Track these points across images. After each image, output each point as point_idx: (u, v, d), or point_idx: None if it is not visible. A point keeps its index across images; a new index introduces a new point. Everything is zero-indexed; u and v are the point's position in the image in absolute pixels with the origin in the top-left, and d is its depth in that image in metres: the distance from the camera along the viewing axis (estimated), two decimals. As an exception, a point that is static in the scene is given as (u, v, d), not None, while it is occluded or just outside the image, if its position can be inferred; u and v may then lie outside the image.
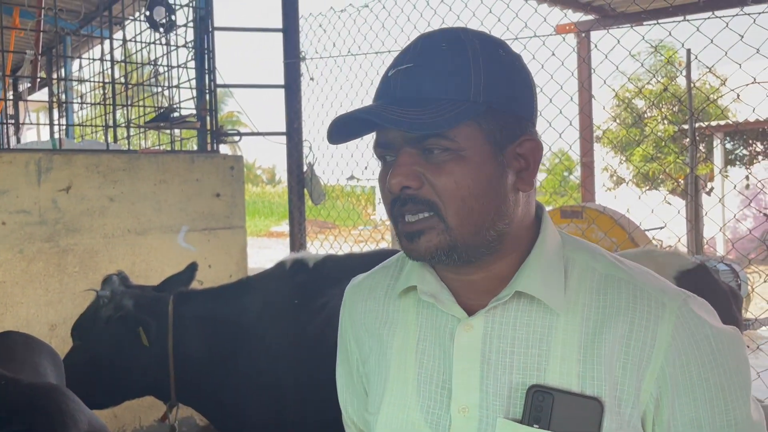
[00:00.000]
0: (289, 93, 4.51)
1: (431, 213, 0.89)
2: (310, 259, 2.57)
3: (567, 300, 0.92)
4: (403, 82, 0.89)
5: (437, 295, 0.97)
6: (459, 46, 0.89)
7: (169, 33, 4.40)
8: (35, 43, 5.04)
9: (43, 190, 3.50)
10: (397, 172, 0.89)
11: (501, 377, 0.92)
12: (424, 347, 0.99)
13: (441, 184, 0.88)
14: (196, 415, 3.97)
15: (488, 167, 0.89)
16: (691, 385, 0.88)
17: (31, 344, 2.14)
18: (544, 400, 0.89)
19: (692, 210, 4.72)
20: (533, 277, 0.92)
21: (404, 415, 0.98)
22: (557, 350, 0.91)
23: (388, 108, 0.87)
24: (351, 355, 1.12)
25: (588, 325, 0.91)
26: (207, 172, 4.09)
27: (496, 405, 0.92)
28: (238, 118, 27.05)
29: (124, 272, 2.71)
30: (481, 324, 0.94)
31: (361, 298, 1.11)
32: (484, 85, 0.88)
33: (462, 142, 0.88)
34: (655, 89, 10.86)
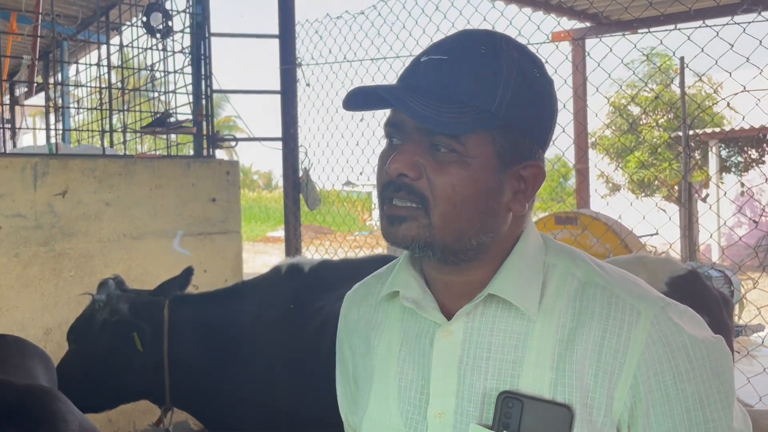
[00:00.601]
0: (285, 99, 4.54)
1: (419, 206, 0.89)
2: (306, 264, 2.57)
3: (544, 306, 0.92)
4: (433, 72, 0.89)
5: (419, 302, 0.97)
6: (496, 55, 0.88)
7: (166, 39, 4.42)
8: (32, 48, 5.06)
9: (39, 194, 3.52)
10: (399, 159, 0.89)
11: (476, 383, 0.92)
12: (406, 353, 1.00)
13: (439, 182, 0.88)
14: (190, 420, 3.97)
15: (488, 180, 0.89)
16: (666, 395, 0.87)
17: (24, 348, 2.15)
18: (514, 407, 0.89)
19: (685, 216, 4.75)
20: (508, 280, 0.92)
21: (385, 419, 1.00)
22: (531, 357, 0.91)
23: (412, 95, 0.86)
24: (347, 362, 1.13)
25: (563, 332, 0.91)
26: (203, 177, 4.10)
27: (469, 410, 0.92)
28: (234, 123, 27.04)
29: (120, 276, 2.72)
30: (461, 329, 0.94)
31: (355, 305, 1.12)
32: (509, 100, 0.87)
33: (471, 149, 0.87)
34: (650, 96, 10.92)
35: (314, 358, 2.25)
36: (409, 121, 0.89)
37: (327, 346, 2.21)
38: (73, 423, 1.46)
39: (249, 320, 2.47)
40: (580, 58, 4.60)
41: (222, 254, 4.16)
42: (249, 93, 5.38)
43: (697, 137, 11.60)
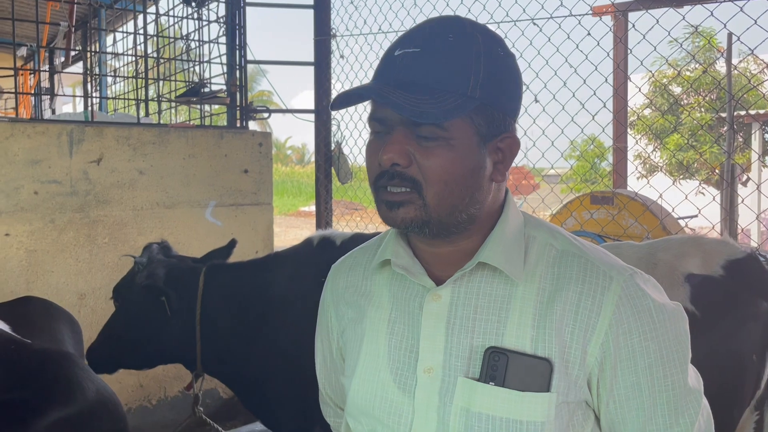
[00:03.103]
0: (318, 70, 4.49)
1: (412, 189, 0.97)
2: (338, 236, 2.55)
3: (526, 272, 1.02)
4: (408, 65, 0.96)
5: (409, 268, 1.07)
6: (465, 41, 0.96)
7: (201, 8, 4.40)
8: (69, 15, 5.09)
9: (75, 161, 3.55)
10: (390, 149, 0.96)
11: (463, 341, 1.01)
12: (396, 316, 1.09)
13: (428, 166, 0.96)
14: (220, 387, 4.03)
15: (472, 157, 0.98)
16: (632, 351, 0.98)
17: (50, 310, 2.17)
18: (499, 360, 0.98)
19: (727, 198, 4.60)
20: (495, 250, 1.02)
21: (376, 376, 1.07)
22: (514, 317, 1.00)
23: (394, 91, 0.93)
24: (331, 330, 1.22)
25: (543, 294, 1.01)
26: (235, 148, 4.10)
27: (457, 365, 1.01)
28: (270, 97, 27.14)
29: (167, 242, 2.77)
30: (449, 293, 1.04)
31: (343, 275, 1.20)
32: (482, 81, 0.95)
33: (453, 132, 0.95)
34: (693, 75, 10.60)
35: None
36: (393, 114, 0.96)
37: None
38: (89, 389, 1.46)
39: (279, 291, 2.47)
40: (622, 31, 4.46)
41: (253, 225, 4.17)
42: (282, 64, 5.36)
43: (740, 119, 11.25)
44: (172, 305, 2.45)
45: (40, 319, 2.03)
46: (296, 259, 2.58)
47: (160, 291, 2.46)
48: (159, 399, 3.90)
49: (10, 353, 1.52)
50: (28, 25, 4.88)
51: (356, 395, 1.10)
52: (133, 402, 3.81)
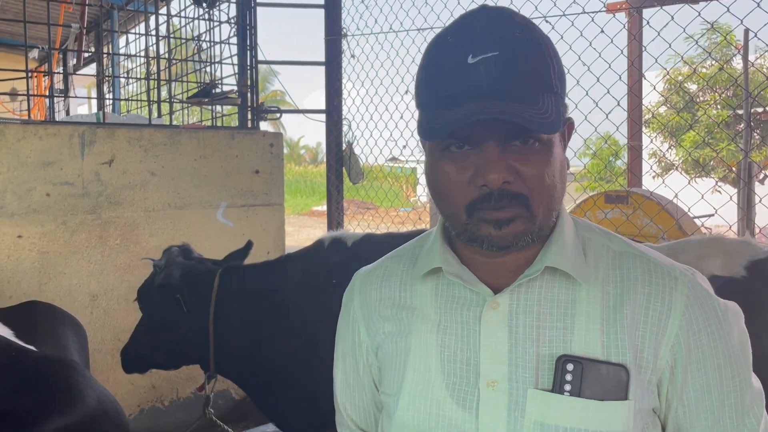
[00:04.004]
0: (329, 70, 4.48)
1: (519, 204, 0.91)
2: (349, 237, 2.55)
3: (588, 274, 0.98)
4: (497, 73, 0.88)
5: (462, 276, 1.00)
6: (530, 34, 0.91)
7: (212, 8, 4.40)
8: (80, 17, 5.11)
9: (87, 162, 3.56)
10: (497, 167, 0.89)
11: (529, 350, 0.95)
12: (446, 327, 1.01)
13: (533, 176, 0.91)
14: (232, 388, 4.02)
15: (560, 153, 0.95)
16: (702, 353, 0.94)
17: (55, 314, 2.17)
18: (574, 369, 0.92)
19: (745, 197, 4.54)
20: (560, 253, 0.97)
21: (428, 393, 1.00)
22: (581, 323, 0.95)
23: (506, 104, 0.86)
24: (360, 345, 1.12)
25: (608, 297, 0.96)
26: (246, 149, 4.09)
27: (525, 377, 0.94)
28: (282, 97, 27.21)
29: (188, 244, 2.80)
30: (506, 301, 0.98)
31: (375, 287, 1.12)
32: (557, 74, 0.91)
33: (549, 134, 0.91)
34: (709, 72, 10.48)
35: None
36: (489, 131, 0.89)
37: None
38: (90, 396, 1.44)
39: (291, 293, 2.47)
40: (636, 28, 4.40)
41: (264, 226, 4.16)
42: (293, 64, 5.34)
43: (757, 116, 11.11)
44: (187, 302, 2.49)
45: (44, 324, 2.03)
46: (307, 260, 2.58)
47: (174, 289, 2.49)
48: (171, 400, 3.90)
49: (11, 360, 1.51)
50: (41, 27, 4.90)
51: (406, 414, 1.01)
52: (146, 403, 3.82)
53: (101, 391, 1.51)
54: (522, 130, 0.89)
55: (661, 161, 12.05)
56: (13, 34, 7.26)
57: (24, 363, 1.53)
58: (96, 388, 1.51)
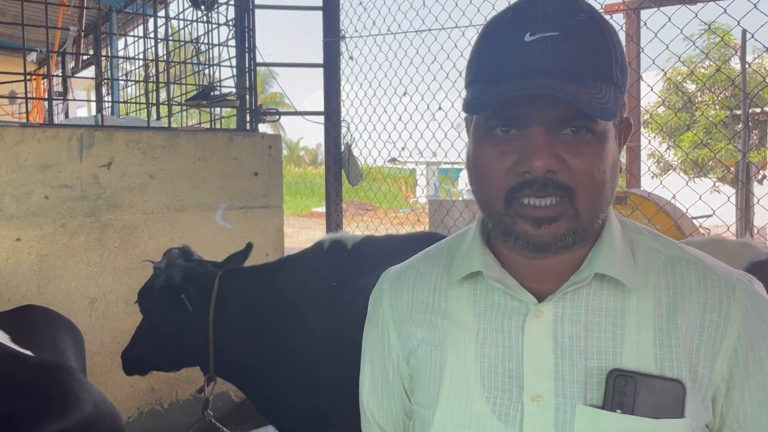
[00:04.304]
0: (327, 72, 4.48)
1: (563, 198, 0.84)
2: (349, 239, 2.54)
3: (638, 281, 0.91)
4: (554, 53, 0.82)
5: (503, 281, 0.93)
6: (595, 19, 0.85)
7: (211, 11, 4.41)
8: (78, 20, 5.11)
9: (85, 165, 3.56)
10: (542, 153, 0.83)
11: (576, 363, 0.89)
12: (485, 336, 0.95)
13: (581, 169, 0.84)
14: (231, 391, 4.02)
15: (613, 151, 0.88)
16: (760, 366, 0.88)
17: (52, 318, 2.16)
18: (627, 384, 0.86)
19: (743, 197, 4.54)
20: (610, 258, 0.90)
21: (467, 406, 0.94)
22: (632, 333, 0.88)
23: (565, 85, 0.80)
24: (389, 351, 1.06)
25: (660, 306, 0.89)
26: (245, 151, 4.10)
27: (572, 392, 0.88)
28: (281, 99, 27.21)
29: (188, 246, 2.80)
30: (551, 309, 0.91)
31: (406, 289, 1.05)
32: (619, 65, 0.85)
33: (604, 125, 0.85)
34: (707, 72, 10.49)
35: (357, 337, 2.23)
36: (536, 111, 0.83)
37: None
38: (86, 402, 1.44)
39: (291, 295, 2.47)
40: (634, 29, 4.40)
41: (263, 228, 4.16)
42: (291, 66, 5.35)
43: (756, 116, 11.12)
44: (193, 300, 2.50)
45: (40, 328, 2.03)
46: (307, 262, 2.58)
47: (178, 289, 2.50)
48: (171, 402, 3.90)
49: (7, 365, 1.51)
50: (40, 30, 4.90)
51: (443, 428, 0.95)
52: (145, 405, 3.82)
53: (97, 396, 1.52)
54: (573, 117, 0.83)
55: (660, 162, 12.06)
56: (12, 37, 7.26)
57: (20, 368, 1.53)
58: (92, 392, 1.51)
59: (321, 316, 2.38)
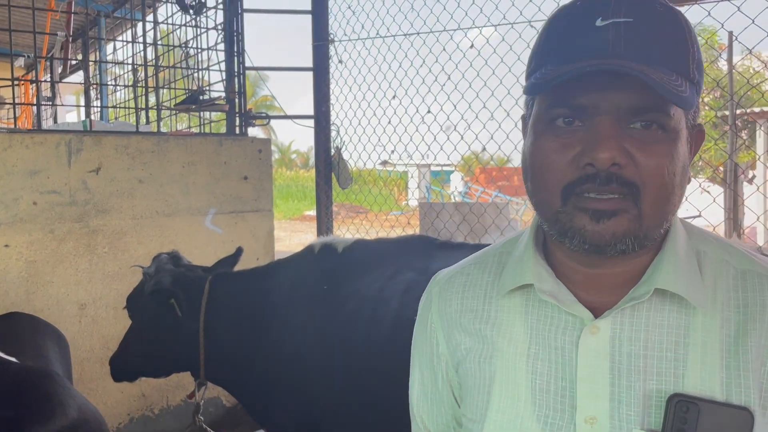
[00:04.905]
0: (317, 76, 4.48)
1: (626, 197, 0.78)
2: (339, 243, 2.55)
3: (705, 297, 0.84)
4: (627, 38, 0.76)
5: (556, 295, 0.88)
6: (673, 12, 0.80)
7: (199, 15, 4.40)
8: (66, 25, 5.10)
9: (74, 171, 3.55)
10: (609, 145, 0.77)
11: (634, 384, 0.83)
12: (537, 352, 0.89)
13: (650, 166, 0.78)
14: (223, 396, 4.01)
15: (684, 154, 0.81)
16: None
17: (36, 325, 2.16)
18: (689, 411, 0.79)
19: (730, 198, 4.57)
20: (673, 272, 0.83)
21: (516, 425, 0.89)
22: (696, 354, 0.82)
23: (638, 66, 0.75)
24: (438, 358, 1.01)
25: (729, 326, 0.82)
26: (235, 155, 4.09)
27: (629, 415, 0.82)
28: (272, 102, 27.19)
29: (177, 251, 2.80)
30: (609, 325, 0.85)
31: (456, 295, 1.00)
32: (697, 62, 0.79)
33: (676, 123, 0.79)
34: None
35: (349, 341, 2.24)
36: (605, 99, 0.78)
37: (362, 330, 2.21)
38: (71, 407, 1.44)
39: (281, 299, 2.48)
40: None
41: (253, 232, 4.16)
42: (281, 70, 5.35)
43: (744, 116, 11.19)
44: (183, 305, 2.49)
45: (25, 335, 2.03)
46: (298, 266, 2.58)
47: (167, 294, 2.49)
48: (161, 408, 3.89)
49: None
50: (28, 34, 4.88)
51: None
52: (136, 411, 3.80)
53: (82, 401, 1.51)
54: (645, 108, 0.77)
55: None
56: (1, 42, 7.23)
57: (4, 374, 1.53)
58: (76, 398, 1.51)
59: (312, 319, 2.38)
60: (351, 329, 2.26)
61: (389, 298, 2.23)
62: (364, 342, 2.21)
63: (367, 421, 2.23)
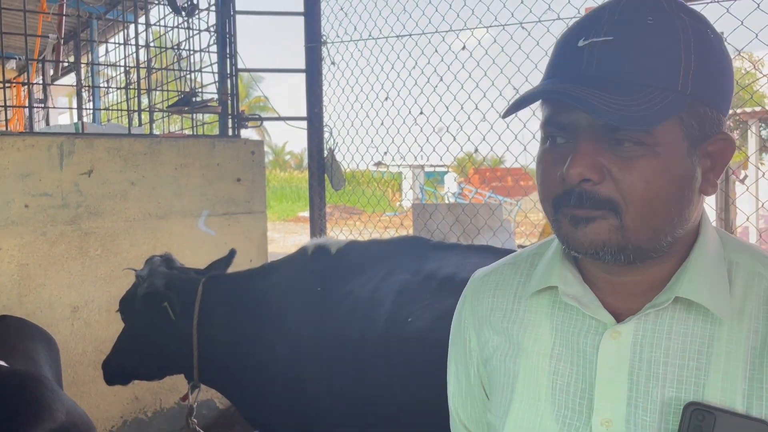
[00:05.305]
0: (310, 77, 4.49)
1: (607, 211, 0.80)
2: (333, 245, 2.55)
3: (732, 308, 0.83)
4: (600, 58, 0.79)
5: (580, 298, 0.89)
6: (668, 22, 0.79)
7: (191, 17, 4.40)
8: (57, 27, 5.08)
9: (66, 173, 3.54)
10: (579, 162, 0.79)
11: (652, 390, 0.83)
12: (560, 353, 0.91)
13: (628, 182, 0.79)
14: (216, 398, 4.01)
15: (681, 167, 0.80)
16: None
17: (26, 329, 2.15)
18: (705, 420, 0.79)
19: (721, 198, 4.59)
20: (696, 281, 0.83)
21: (536, 423, 0.91)
22: (719, 364, 0.82)
23: (590, 90, 0.77)
24: (470, 353, 1.04)
25: (756, 338, 0.82)
26: (228, 157, 4.09)
27: (645, 421, 0.83)
28: (266, 103, 27.15)
29: (170, 254, 2.80)
30: (631, 331, 0.86)
31: (488, 294, 1.03)
32: (693, 73, 0.78)
33: (659, 137, 0.78)
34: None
35: (342, 342, 2.24)
36: (582, 118, 0.80)
37: (356, 331, 2.21)
38: (59, 410, 1.43)
39: (275, 301, 2.48)
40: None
41: (247, 234, 4.16)
42: (273, 71, 5.35)
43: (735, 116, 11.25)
44: (176, 308, 2.49)
45: (13, 338, 2.02)
46: (291, 268, 2.58)
47: (161, 296, 2.49)
48: (155, 411, 3.88)
49: None
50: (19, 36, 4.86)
51: None
52: (129, 414, 3.79)
53: (70, 405, 1.51)
54: (614, 127, 0.78)
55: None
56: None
57: None
58: (65, 401, 1.50)
59: (306, 321, 2.38)
60: (345, 330, 2.26)
61: (383, 299, 2.23)
62: (358, 343, 2.21)
63: (361, 423, 2.23)
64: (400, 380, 2.09)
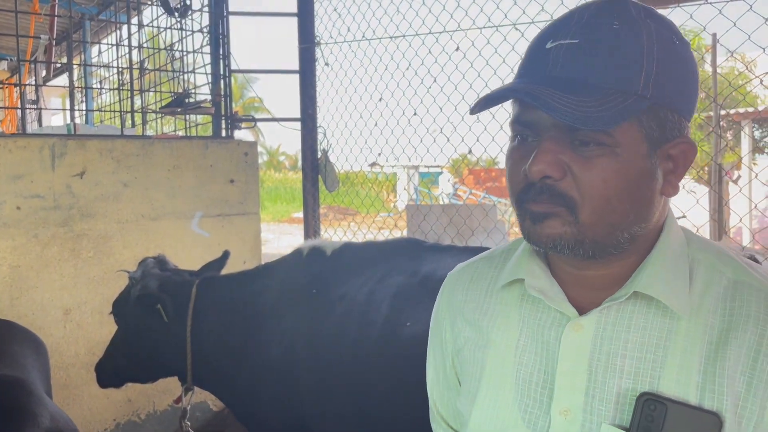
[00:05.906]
0: (303, 78, 4.47)
1: (559, 205, 0.83)
2: (328, 246, 2.54)
3: (690, 304, 0.86)
4: (564, 60, 0.82)
5: (546, 291, 0.92)
6: (633, 28, 0.82)
7: (184, 17, 4.38)
8: (49, 28, 5.06)
9: (58, 175, 3.52)
10: (540, 159, 0.82)
11: (609, 381, 0.86)
12: (526, 344, 0.95)
13: (587, 179, 0.82)
14: (210, 400, 3.99)
15: (639, 168, 0.83)
16: None
17: (13, 332, 2.13)
18: (656, 410, 0.82)
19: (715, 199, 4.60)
20: (654, 276, 0.86)
21: (500, 411, 0.95)
22: (675, 357, 0.84)
23: (550, 91, 0.79)
24: (446, 345, 1.08)
25: (712, 333, 0.84)
26: (221, 158, 4.08)
27: (601, 410, 0.86)
28: (260, 104, 27.10)
29: (163, 255, 2.78)
30: (592, 324, 0.89)
31: (462, 287, 1.06)
32: (655, 77, 0.81)
33: (619, 137, 0.81)
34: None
35: (338, 344, 2.23)
36: (545, 117, 0.83)
37: (352, 333, 2.20)
38: (43, 416, 1.42)
39: (269, 303, 2.47)
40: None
41: (240, 235, 4.14)
42: (267, 72, 5.34)
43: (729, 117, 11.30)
44: (169, 310, 2.48)
45: (1, 341, 2.00)
46: (286, 270, 2.57)
47: (154, 298, 2.48)
48: (148, 413, 3.86)
49: None
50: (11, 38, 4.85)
51: (477, 429, 0.97)
52: (122, 417, 3.77)
53: (54, 410, 1.50)
54: (574, 127, 0.80)
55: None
56: (-17, 45, 7.17)
57: None
58: (49, 407, 1.49)
59: (300, 323, 2.38)
60: (340, 333, 2.26)
61: (379, 301, 2.23)
62: (353, 345, 2.21)
63: (355, 425, 2.23)
64: (396, 383, 2.08)
